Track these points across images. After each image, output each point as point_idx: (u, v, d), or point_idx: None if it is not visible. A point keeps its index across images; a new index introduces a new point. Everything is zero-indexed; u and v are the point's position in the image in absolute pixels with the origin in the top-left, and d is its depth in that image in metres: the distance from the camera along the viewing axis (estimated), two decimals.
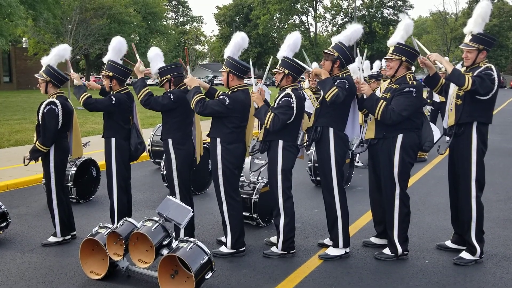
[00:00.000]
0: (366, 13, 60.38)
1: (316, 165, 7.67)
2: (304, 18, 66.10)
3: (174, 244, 4.06)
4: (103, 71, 5.32)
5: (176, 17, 72.94)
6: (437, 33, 64.10)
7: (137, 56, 5.32)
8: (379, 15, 61.55)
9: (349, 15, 61.23)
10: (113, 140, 5.24)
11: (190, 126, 5.16)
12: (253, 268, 4.64)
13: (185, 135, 5.08)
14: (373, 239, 5.20)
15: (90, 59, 44.08)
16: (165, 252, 4.05)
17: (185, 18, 73.39)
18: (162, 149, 5.26)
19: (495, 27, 55.50)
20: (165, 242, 4.09)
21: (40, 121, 5.17)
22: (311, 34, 65.23)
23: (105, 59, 5.33)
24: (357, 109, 4.87)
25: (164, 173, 7.03)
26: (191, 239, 4.05)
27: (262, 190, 5.86)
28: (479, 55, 4.57)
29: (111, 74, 5.22)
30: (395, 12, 60.34)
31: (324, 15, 65.09)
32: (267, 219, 5.97)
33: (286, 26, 62.92)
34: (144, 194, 7.58)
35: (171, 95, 4.93)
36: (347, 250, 4.88)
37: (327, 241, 5.12)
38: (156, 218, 4.20)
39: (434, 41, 61.42)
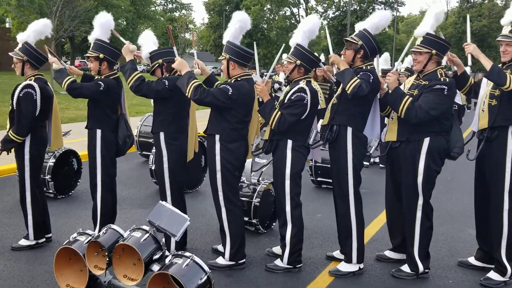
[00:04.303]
0: (358, 8, 59.87)
1: (318, 164, 7.14)
2: (295, 10, 65.44)
3: (167, 259, 3.44)
4: (89, 52, 4.60)
5: (165, 3, 71.56)
6: None
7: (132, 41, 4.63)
8: (371, 11, 61.05)
9: (341, 9, 60.65)
10: (98, 132, 4.58)
11: (185, 119, 4.56)
12: (256, 285, 4.06)
13: (180, 129, 4.48)
14: (388, 253, 4.65)
15: (76, 42, 42.82)
16: (156, 268, 3.43)
17: (174, 5, 72.03)
18: (151, 140, 4.63)
19: (484, 28, 55.41)
20: (156, 256, 3.47)
21: (14, 106, 4.50)
22: None
23: (90, 38, 4.63)
24: (378, 108, 4.30)
25: (153, 168, 6.39)
26: (188, 254, 3.43)
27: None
28: None
29: (101, 55, 4.54)
30: (387, 8, 59.86)
31: (315, 7, 64.44)
32: (267, 224, 5.40)
33: (276, 17, 62.13)
34: (130, 190, 6.90)
35: (166, 81, 4.30)
36: (361, 266, 4.32)
37: (337, 254, 4.55)
38: (146, 227, 3.58)
39: None
